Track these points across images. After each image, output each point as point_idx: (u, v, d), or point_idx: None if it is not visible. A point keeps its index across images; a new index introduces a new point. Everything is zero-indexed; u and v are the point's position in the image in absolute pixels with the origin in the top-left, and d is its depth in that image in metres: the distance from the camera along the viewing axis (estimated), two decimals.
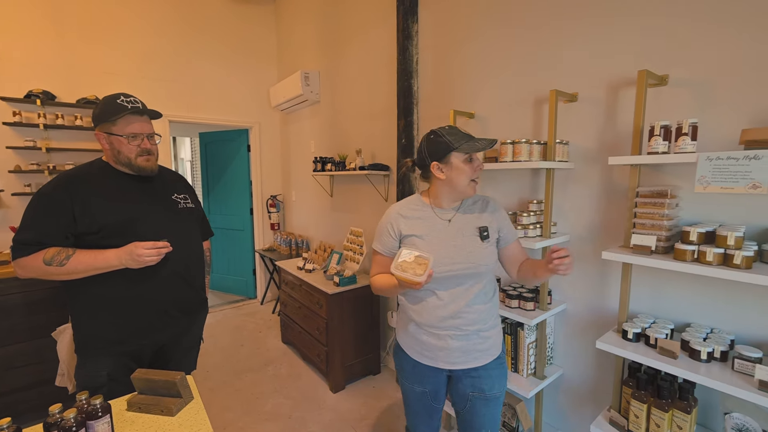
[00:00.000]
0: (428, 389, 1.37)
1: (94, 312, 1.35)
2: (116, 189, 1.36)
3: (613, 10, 1.58)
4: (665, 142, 1.30)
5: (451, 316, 1.26)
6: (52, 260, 1.23)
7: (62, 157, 3.22)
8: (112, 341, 1.36)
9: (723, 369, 1.24)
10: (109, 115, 1.32)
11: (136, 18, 3.55)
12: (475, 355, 1.30)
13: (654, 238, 1.35)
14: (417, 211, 1.34)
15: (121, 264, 1.26)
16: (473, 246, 1.27)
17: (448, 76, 2.32)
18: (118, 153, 1.35)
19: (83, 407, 0.99)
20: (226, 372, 2.92)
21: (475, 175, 1.25)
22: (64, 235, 1.27)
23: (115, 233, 1.30)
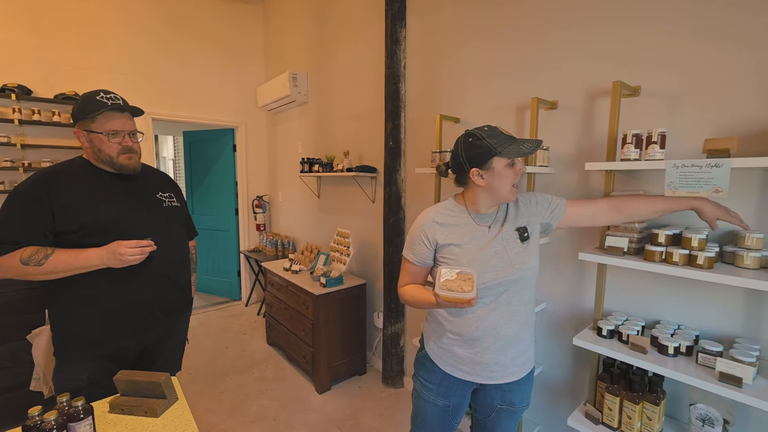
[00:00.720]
0: (453, 403, 1.30)
1: (74, 313, 1.31)
2: (97, 187, 1.33)
3: (591, 23, 1.67)
4: (637, 149, 1.38)
5: (493, 327, 1.18)
6: (29, 260, 1.19)
7: (38, 154, 3.14)
8: (93, 343, 1.32)
9: (688, 363, 1.33)
10: (88, 112, 1.28)
11: (119, 13, 3.49)
12: (512, 370, 1.23)
13: (626, 240, 1.43)
14: (454, 218, 1.24)
15: (103, 263, 1.24)
16: (515, 250, 1.18)
17: (435, 80, 2.38)
18: (99, 151, 1.32)
19: (64, 409, 0.97)
20: (210, 374, 2.90)
21: (517, 179, 1.16)
22: (43, 233, 1.23)
23: (97, 232, 1.26)
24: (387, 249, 2.60)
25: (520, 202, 1.27)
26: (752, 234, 1.26)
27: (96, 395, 1.23)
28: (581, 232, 1.76)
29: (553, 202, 1.28)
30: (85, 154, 1.37)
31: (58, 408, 0.97)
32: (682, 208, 1.25)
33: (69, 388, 1.28)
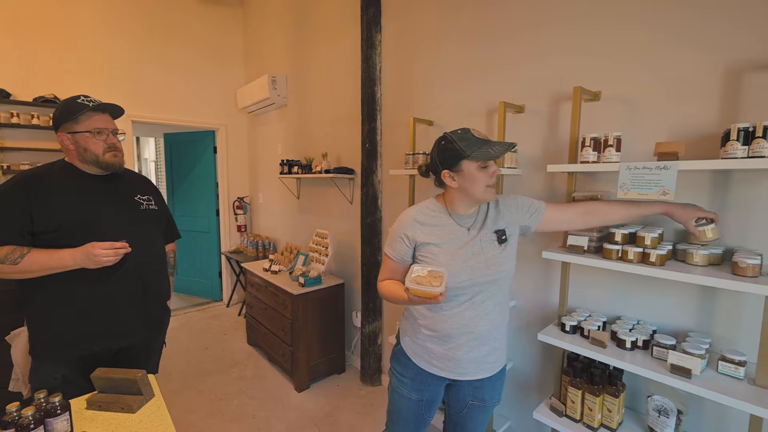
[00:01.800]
0: (426, 397, 1.34)
1: (49, 313, 1.33)
2: (77, 188, 1.35)
3: (555, 32, 1.73)
4: (595, 152, 1.45)
5: (467, 325, 1.22)
6: (5, 258, 1.22)
7: (17, 156, 3.10)
8: (67, 343, 1.34)
9: (644, 356, 1.39)
10: (70, 114, 1.32)
11: (98, 16, 3.46)
12: (483, 367, 1.27)
13: (586, 239, 1.49)
14: (434, 218, 1.27)
15: (76, 264, 1.25)
16: (492, 252, 1.22)
17: (409, 84, 2.43)
18: (85, 151, 1.34)
19: (41, 405, 1.00)
20: (189, 375, 2.90)
21: (491, 181, 1.19)
22: (20, 233, 1.25)
23: (74, 233, 1.29)
24: (364, 249, 2.64)
25: (501, 205, 1.29)
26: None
27: (71, 395, 1.23)
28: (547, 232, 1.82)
29: (533, 206, 1.31)
30: (68, 157, 1.39)
31: (35, 404, 0.99)
32: (654, 212, 1.32)
33: (45, 387, 1.28)
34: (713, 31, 1.33)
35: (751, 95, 1.27)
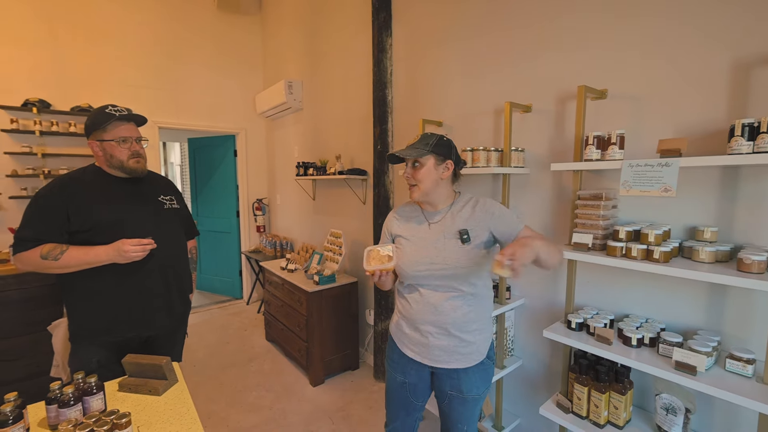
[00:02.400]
0: (408, 381, 1.41)
1: (85, 303, 1.47)
2: (107, 191, 1.49)
3: (560, 31, 1.75)
4: (598, 150, 1.46)
5: (432, 314, 1.30)
6: (47, 255, 1.35)
7: (56, 162, 3.33)
8: (100, 331, 1.48)
9: (651, 353, 1.39)
10: (99, 123, 1.44)
11: (128, 30, 3.67)
12: (456, 357, 1.32)
13: (591, 236, 1.50)
14: (410, 214, 1.41)
15: (109, 259, 1.38)
16: (453, 249, 1.27)
17: (419, 86, 2.48)
18: (111, 157, 1.47)
19: (80, 385, 1.12)
20: (211, 367, 3.03)
21: (410, 182, 1.31)
22: (59, 232, 1.39)
23: (105, 231, 1.41)
24: None
25: (478, 208, 1.32)
26: (708, 228, 1.33)
27: (105, 377, 1.37)
28: (553, 229, 1.83)
29: (512, 224, 1.29)
30: (97, 162, 1.53)
31: (75, 384, 1.12)
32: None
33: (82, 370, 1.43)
34: (721, 26, 1.32)
35: (759, 91, 1.26)
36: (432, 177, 1.29)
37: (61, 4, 3.34)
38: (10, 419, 1.00)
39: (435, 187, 1.31)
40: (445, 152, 1.29)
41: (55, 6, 3.31)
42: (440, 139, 1.30)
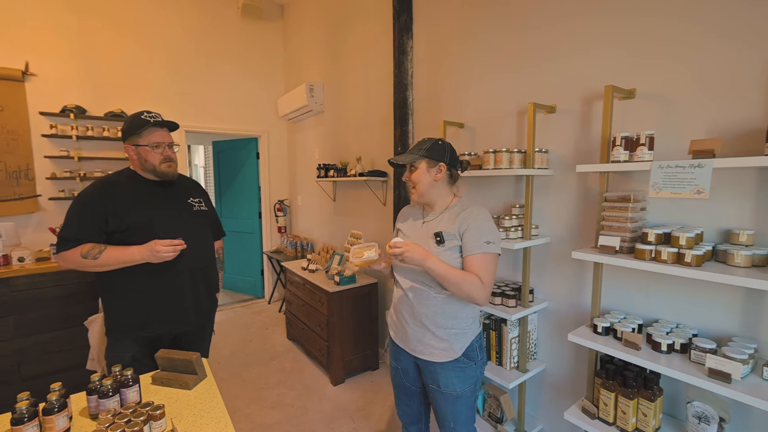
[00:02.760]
0: (400, 366, 1.54)
1: (120, 301, 1.55)
2: (141, 193, 1.56)
3: (585, 30, 1.72)
4: (626, 151, 1.43)
5: (408, 305, 1.42)
6: (87, 254, 1.43)
7: (91, 165, 3.49)
8: (134, 327, 1.55)
9: (682, 360, 1.35)
10: (135, 129, 1.52)
11: (157, 38, 3.81)
12: (430, 350, 1.39)
13: (618, 239, 1.47)
14: (413, 211, 1.54)
15: (143, 258, 1.45)
16: (428, 247, 1.35)
17: (440, 88, 2.48)
18: (145, 161, 1.55)
19: (117, 377, 1.18)
20: (234, 365, 3.11)
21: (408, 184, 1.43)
22: (98, 233, 1.47)
23: (139, 232, 1.49)
24: None
25: (461, 216, 1.36)
26: (744, 231, 1.28)
27: (138, 371, 1.43)
28: (578, 231, 1.80)
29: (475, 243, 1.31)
30: (132, 165, 1.61)
31: (113, 376, 1.18)
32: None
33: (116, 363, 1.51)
34: (756, 23, 1.28)
35: None
36: (426, 179, 1.38)
37: (99, 17, 3.51)
38: (56, 407, 1.06)
39: (430, 189, 1.39)
40: (438, 155, 1.36)
41: (92, 18, 3.48)
42: (435, 143, 1.38)
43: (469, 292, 1.26)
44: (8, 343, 2.39)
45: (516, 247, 1.76)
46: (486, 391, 2.07)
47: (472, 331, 1.42)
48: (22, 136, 3.22)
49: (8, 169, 3.18)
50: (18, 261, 2.51)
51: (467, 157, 2.05)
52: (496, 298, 1.90)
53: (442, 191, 1.41)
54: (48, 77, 3.31)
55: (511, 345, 1.91)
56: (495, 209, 2.16)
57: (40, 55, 3.26)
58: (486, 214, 1.37)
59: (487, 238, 1.31)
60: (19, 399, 1.05)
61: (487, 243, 1.30)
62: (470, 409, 1.47)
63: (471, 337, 1.41)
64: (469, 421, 1.48)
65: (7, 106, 3.15)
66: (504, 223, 1.88)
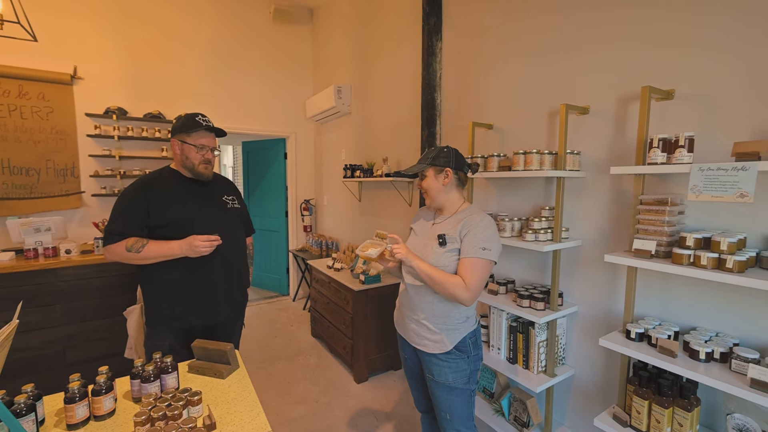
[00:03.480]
0: (406, 355, 1.65)
1: (158, 293, 1.63)
2: (180, 191, 1.65)
3: (621, 30, 1.69)
4: (664, 153, 1.40)
5: (408, 299, 1.52)
6: (131, 247, 1.52)
7: (131, 164, 3.67)
8: (171, 317, 1.63)
9: (722, 369, 1.30)
10: (187, 128, 1.61)
11: (193, 43, 3.98)
12: (425, 342, 1.49)
13: (654, 243, 1.44)
14: (427, 214, 1.62)
15: (182, 252, 1.53)
16: (432, 248, 1.44)
17: (468, 90, 2.48)
18: (186, 159, 1.64)
19: (158, 363, 1.25)
20: (261, 359, 3.19)
21: (422, 192, 1.53)
22: (141, 227, 1.56)
23: (178, 227, 1.57)
24: None
25: (465, 221, 1.43)
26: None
27: (175, 359, 1.49)
28: (610, 235, 1.77)
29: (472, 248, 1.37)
30: (174, 159, 1.71)
31: (154, 362, 1.25)
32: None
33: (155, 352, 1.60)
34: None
35: None
36: (435, 185, 1.47)
37: (141, 25, 3.69)
38: (104, 389, 1.13)
39: (440, 193, 1.48)
40: (443, 162, 1.45)
41: (135, 26, 3.66)
42: (440, 151, 1.47)
43: (453, 293, 1.34)
44: (56, 329, 2.54)
45: (545, 250, 1.74)
46: (512, 395, 2.05)
47: (465, 327, 1.48)
48: (69, 136, 3.43)
49: (56, 167, 3.38)
50: (65, 253, 2.66)
51: (496, 159, 2.04)
52: (524, 300, 1.88)
53: (452, 196, 1.49)
54: (93, 80, 3.51)
55: (538, 348, 1.89)
56: (524, 211, 2.14)
57: (87, 60, 3.47)
58: (488, 221, 1.42)
59: (483, 245, 1.36)
60: (71, 380, 1.12)
61: (482, 249, 1.36)
62: (466, 404, 1.52)
63: (464, 333, 1.48)
64: (466, 418, 1.53)
65: (56, 108, 3.36)
66: (533, 225, 1.86)
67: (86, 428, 1.10)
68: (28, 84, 3.23)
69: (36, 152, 3.30)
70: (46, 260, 2.56)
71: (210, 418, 1.10)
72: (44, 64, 3.28)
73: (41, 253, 2.63)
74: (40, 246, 2.63)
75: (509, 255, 2.23)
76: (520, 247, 2.08)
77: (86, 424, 1.11)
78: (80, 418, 1.09)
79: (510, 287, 2.12)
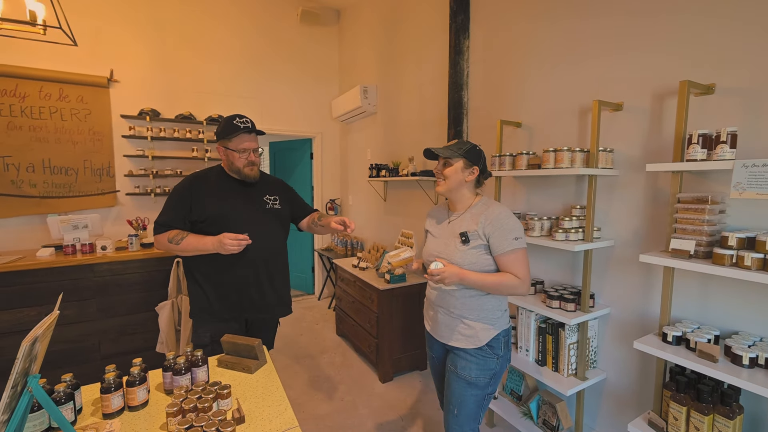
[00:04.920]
0: (434, 354, 1.66)
1: (196, 287, 1.74)
2: (222, 189, 1.73)
3: (661, 22, 1.63)
4: (703, 149, 1.34)
5: (440, 297, 1.52)
6: (173, 239, 1.62)
7: (162, 163, 3.81)
8: (207, 311, 1.72)
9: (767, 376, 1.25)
10: (227, 133, 1.68)
11: (223, 45, 4.09)
12: (457, 337, 1.49)
13: (693, 242, 1.38)
14: (438, 214, 1.63)
15: (214, 248, 1.58)
16: (455, 246, 1.45)
17: (496, 87, 2.45)
18: (231, 163, 1.72)
19: (188, 357, 1.29)
20: (288, 356, 3.25)
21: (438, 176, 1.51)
22: (183, 221, 1.66)
23: (215, 223, 1.64)
24: None
25: (484, 215, 1.44)
26: None
27: (217, 351, 1.60)
28: (645, 234, 1.71)
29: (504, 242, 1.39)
30: (223, 163, 1.79)
31: (185, 355, 1.30)
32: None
33: (198, 343, 1.72)
34: None
35: None
36: (458, 177, 1.46)
37: (174, 30, 3.83)
38: (137, 380, 1.17)
39: (458, 187, 1.48)
40: (474, 159, 1.46)
41: (168, 31, 3.80)
42: (473, 147, 1.47)
43: (511, 291, 1.40)
44: (92, 323, 2.66)
45: (576, 249, 1.70)
46: (540, 397, 2.01)
47: (500, 324, 1.49)
48: (105, 137, 3.58)
49: (93, 166, 3.55)
50: (101, 249, 2.78)
51: (525, 157, 2.01)
52: (554, 301, 1.84)
53: (467, 192, 1.51)
54: (128, 83, 3.66)
55: (568, 351, 1.85)
56: (553, 210, 2.10)
57: (122, 63, 3.62)
58: (507, 211, 1.44)
59: (514, 235, 1.39)
60: (107, 371, 1.17)
61: (515, 239, 1.39)
62: (478, 405, 1.50)
63: (498, 330, 1.47)
64: (473, 419, 1.51)
65: (94, 110, 3.52)
66: (563, 225, 1.82)
67: (121, 417, 1.14)
68: (68, 87, 3.39)
69: (74, 153, 3.47)
70: (83, 256, 2.67)
71: (239, 411, 1.12)
72: (83, 67, 3.45)
73: (79, 249, 2.75)
74: (77, 242, 2.75)
75: (538, 255, 2.19)
76: (550, 247, 2.05)
77: (121, 413, 1.15)
78: (115, 408, 1.13)
79: (539, 288, 2.09)
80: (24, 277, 2.47)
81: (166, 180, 3.79)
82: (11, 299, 2.45)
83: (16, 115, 3.23)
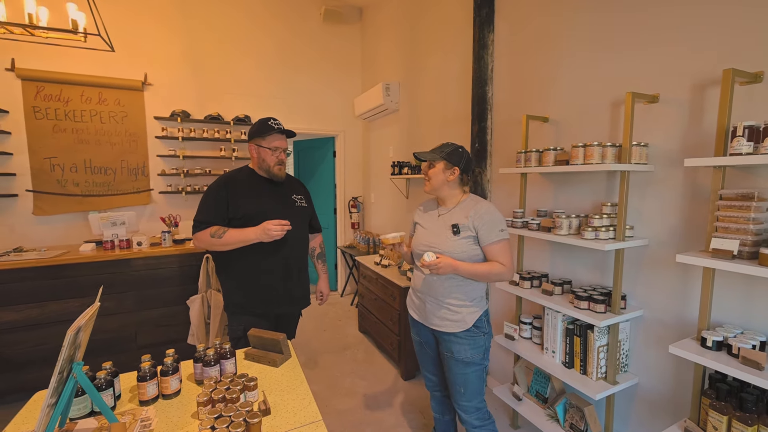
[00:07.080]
0: (422, 339, 1.79)
1: (229, 282, 1.83)
2: (255, 189, 1.82)
3: (699, 9, 1.53)
4: (749, 142, 1.25)
5: (428, 285, 1.66)
6: (214, 234, 1.70)
7: (192, 163, 3.94)
8: (239, 304, 1.82)
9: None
10: (261, 132, 1.77)
11: (247, 50, 4.18)
12: (446, 323, 1.63)
13: (737, 242, 1.29)
14: (429, 207, 1.77)
15: (257, 237, 1.67)
16: (446, 237, 1.60)
17: (522, 82, 2.38)
18: (262, 161, 1.80)
19: (218, 349, 1.34)
20: (310, 351, 3.30)
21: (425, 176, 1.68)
22: (222, 218, 1.74)
23: (251, 220, 1.73)
24: None
25: (473, 210, 1.60)
26: None
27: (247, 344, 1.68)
28: (682, 233, 1.62)
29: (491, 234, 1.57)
30: (252, 161, 1.88)
31: (214, 348, 1.35)
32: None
33: (233, 336, 1.82)
34: None
35: None
36: (440, 177, 1.62)
37: (204, 35, 3.94)
38: (170, 370, 1.22)
39: (441, 186, 1.63)
40: (455, 160, 1.61)
41: (199, 36, 3.92)
42: (455, 149, 1.63)
43: (498, 278, 1.58)
44: (129, 315, 2.79)
45: (607, 248, 1.63)
46: (567, 401, 1.95)
47: (482, 305, 1.66)
48: (140, 138, 3.74)
49: (129, 166, 3.71)
50: (137, 245, 2.91)
51: (552, 153, 1.94)
52: (583, 302, 1.78)
53: (452, 190, 1.66)
54: (161, 86, 3.80)
55: (598, 354, 1.78)
56: (582, 207, 2.02)
57: (156, 67, 3.76)
58: (493, 207, 1.62)
59: (500, 227, 1.58)
60: (143, 360, 1.23)
61: (500, 231, 1.57)
62: (479, 379, 1.67)
63: (481, 311, 1.65)
64: (478, 392, 1.68)
65: (129, 113, 3.68)
66: (593, 223, 1.75)
67: (156, 405, 1.19)
68: (107, 91, 3.57)
69: (112, 153, 3.64)
70: (121, 251, 2.80)
71: (265, 403, 1.15)
72: (119, 72, 3.61)
73: (117, 245, 2.88)
74: (116, 238, 2.89)
75: (565, 254, 2.12)
76: (578, 246, 1.98)
77: (156, 401, 1.21)
78: (151, 396, 1.20)
79: (566, 288, 2.02)
80: (69, 271, 2.61)
81: (196, 179, 3.91)
82: (57, 291, 2.59)
83: (60, 119, 3.43)
